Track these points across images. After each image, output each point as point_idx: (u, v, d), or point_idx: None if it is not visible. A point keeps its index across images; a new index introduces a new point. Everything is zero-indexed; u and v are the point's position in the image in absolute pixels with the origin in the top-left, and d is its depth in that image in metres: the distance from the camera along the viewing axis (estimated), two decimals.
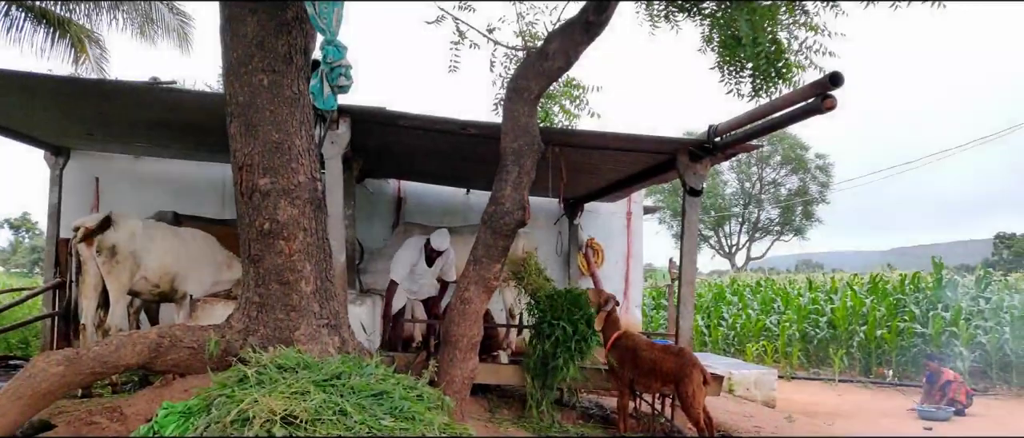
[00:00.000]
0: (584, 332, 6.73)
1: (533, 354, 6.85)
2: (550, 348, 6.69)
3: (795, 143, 44.52)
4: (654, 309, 21.31)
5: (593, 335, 6.81)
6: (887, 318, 16.72)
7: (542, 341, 6.78)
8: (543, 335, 6.80)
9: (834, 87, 5.04)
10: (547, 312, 6.88)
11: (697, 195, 7.17)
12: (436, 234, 7.55)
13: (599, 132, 6.96)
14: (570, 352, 6.65)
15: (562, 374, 6.62)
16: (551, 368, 6.67)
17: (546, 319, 6.84)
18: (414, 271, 7.71)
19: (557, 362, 6.63)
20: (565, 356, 6.64)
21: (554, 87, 6.68)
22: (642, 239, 11.28)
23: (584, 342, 6.71)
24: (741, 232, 49.07)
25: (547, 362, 6.70)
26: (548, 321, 6.81)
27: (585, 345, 6.72)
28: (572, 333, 6.68)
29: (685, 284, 7.20)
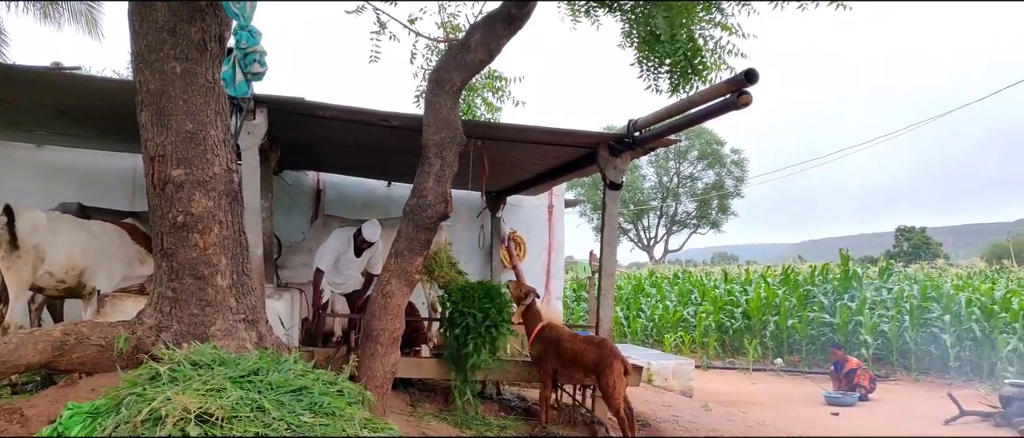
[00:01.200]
0: (495, 319, 6.76)
1: (448, 344, 6.87)
2: (461, 335, 6.72)
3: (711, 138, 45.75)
4: (575, 301, 21.58)
5: (504, 323, 6.84)
6: (798, 308, 17.41)
7: (453, 330, 6.81)
8: (454, 324, 6.82)
9: (749, 84, 5.19)
10: (458, 303, 6.90)
11: (617, 189, 7.28)
12: (367, 224, 7.46)
13: (521, 126, 7.00)
14: (480, 338, 6.68)
15: (473, 361, 6.64)
16: (463, 356, 6.69)
17: (457, 309, 6.86)
18: (340, 261, 7.60)
19: (467, 349, 6.65)
20: (475, 342, 6.67)
21: (476, 79, 6.69)
22: (563, 232, 11.42)
23: (495, 328, 6.75)
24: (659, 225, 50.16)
25: (459, 351, 6.72)
26: (458, 311, 6.84)
27: (495, 331, 6.76)
28: (482, 319, 6.72)
29: (605, 276, 7.32)
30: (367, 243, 7.48)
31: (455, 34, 6.69)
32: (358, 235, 7.48)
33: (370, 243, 7.48)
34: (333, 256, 7.53)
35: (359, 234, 7.47)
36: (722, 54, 5.68)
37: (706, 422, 8.20)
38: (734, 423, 8.42)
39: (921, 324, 15.60)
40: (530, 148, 7.65)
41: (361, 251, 7.59)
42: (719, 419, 8.56)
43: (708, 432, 7.67)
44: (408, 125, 6.55)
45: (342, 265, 7.66)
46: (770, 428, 8.40)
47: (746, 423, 8.54)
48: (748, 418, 9.03)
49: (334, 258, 7.54)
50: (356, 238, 7.51)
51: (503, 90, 7.35)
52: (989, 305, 15.38)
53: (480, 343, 6.71)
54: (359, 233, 7.47)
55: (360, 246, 7.54)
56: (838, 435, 9.03)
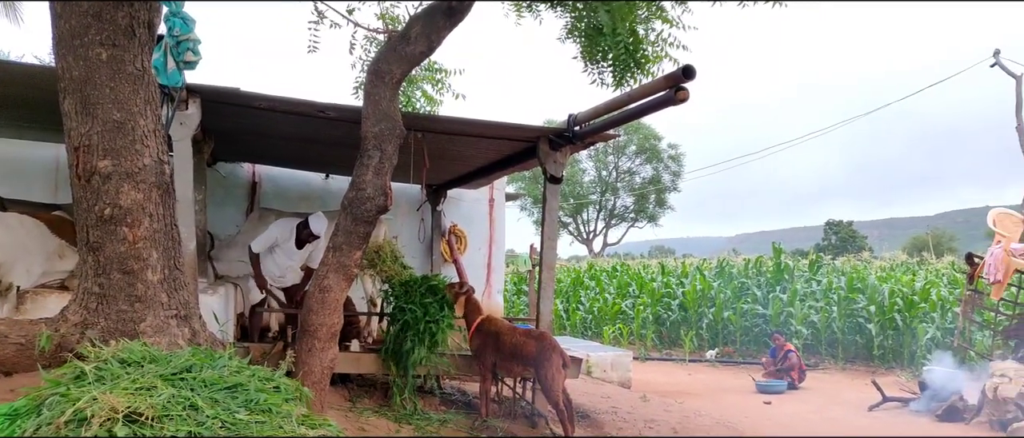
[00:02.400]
0: (435, 314, 6.74)
1: (387, 340, 6.82)
2: (401, 331, 6.68)
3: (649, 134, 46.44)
4: (516, 294, 21.65)
5: (446, 318, 6.83)
6: (733, 300, 17.82)
7: (394, 325, 6.76)
8: (395, 320, 6.78)
9: (687, 79, 5.27)
10: (400, 298, 6.85)
11: (557, 183, 7.32)
12: (314, 217, 7.33)
13: (462, 119, 6.96)
14: (419, 333, 6.65)
15: (414, 356, 6.61)
16: (403, 351, 6.65)
17: (398, 304, 6.81)
18: (278, 251, 7.45)
19: (407, 345, 6.62)
20: (414, 338, 6.64)
21: (416, 71, 6.61)
22: (504, 226, 11.42)
23: (434, 324, 6.72)
24: (598, 219, 50.71)
25: (400, 346, 6.68)
26: (399, 306, 6.79)
27: (436, 327, 6.74)
28: (422, 315, 6.69)
29: (545, 269, 7.35)
30: (313, 236, 7.34)
31: (395, 25, 6.60)
32: (303, 227, 7.34)
33: (316, 236, 7.35)
34: (270, 243, 7.37)
35: (305, 226, 7.33)
36: (664, 46, 5.74)
37: (644, 413, 8.32)
38: (671, 413, 8.57)
39: (848, 315, 16.15)
40: (471, 141, 7.62)
41: (303, 244, 7.46)
42: (656, 410, 8.70)
43: (646, 422, 7.79)
44: (346, 117, 6.45)
45: (281, 256, 7.51)
46: (705, 417, 8.58)
47: (682, 413, 8.70)
48: (684, 408, 9.20)
49: (270, 244, 7.38)
50: (301, 230, 7.38)
51: (443, 83, 7.29)
52: (910, 296, 16.02)
53: (420, 339, 6.68)
54: (305, 225, 7.33)
55: (305, 239, 7.41)
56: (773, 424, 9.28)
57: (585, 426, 7.40)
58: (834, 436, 8.63)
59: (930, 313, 15.71)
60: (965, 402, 9.82)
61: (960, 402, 9.82)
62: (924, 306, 15.81)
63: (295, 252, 7.52)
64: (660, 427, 7.68)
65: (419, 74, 7.06)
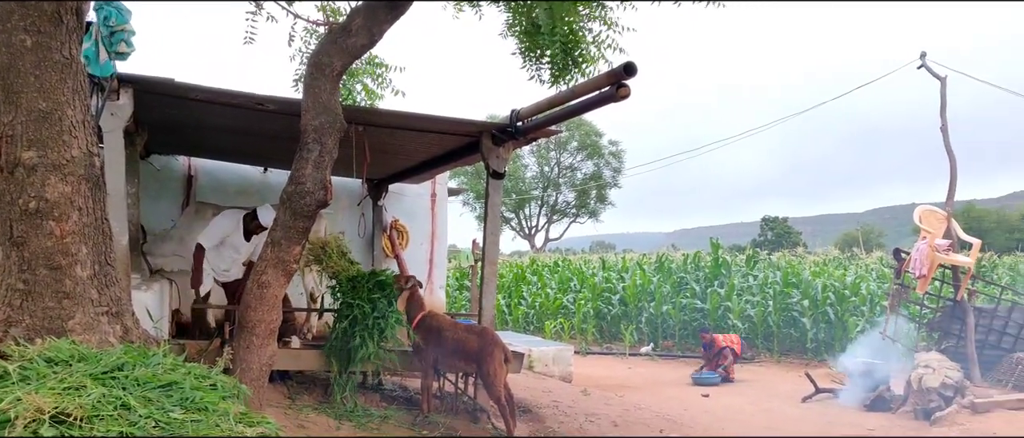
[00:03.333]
0: (383, 310, 6.70)
1: (333, 336, 6.74)
2: (348, 328, 6.61)
3: (590, 130, 46.86)
4: (458, 289, 21.63)
5: (393, 314, 6.79)
6: (672, 295, 18.12)
7: (341, 322, 6.69)
8: (342, 316, 6.70)
9: (628, 76, 5.34)
10: (348, 294, 6.78)
11: (500, 178, 7.33)
12: (263, 208, 7.21)
13: (403, 112, 6.92)
14: (368, 330, 6.61)
15: (362, 353, 6.56)
16: (350, 348, 6.59)
17: (346, 300, 6.74)
18: (226, 243, 7.30)
19: (355, 342, 6.56)
20: (363, 335, 6.59)
21: (357, 64, 6.54)
22: (447, 221, 11.38)
23: (383, 320, 6.68)
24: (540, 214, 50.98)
25: (347, 343, 6.62)
26: (347, 302, 6.72)
27: (384, 324, 6.70)
28: (371, 311, 6.63)
29: (488, 264, 7.36)
30: (261, 228, 7.23)
31: (335, 17, 6.51)
32: (251, 218, 7.21)
33: (264, 228, 7.24)
34: (220, 236, 7.22)
35: (253, 217, 7.20)
36: (601, 48, 5.81)
37: (585, 407, 8.41)
38: (611, 407, 8.67)
39: (783, 309, 16.60)
40: (413, 136, 7.58)
41: (251, 236, 7.33)
42: (597, 403, 8.80)
43: (587, 416, 7.87)
44: (286, 110, 6.34)
45: (228, 249, 7.37)
46: (645, 411, 8.71)
47: (622, 406, 8.82)
48: (624, 401, 9.33)
49: (221, 239, 7.23)
50: (249, 222, 7.25)
51: (384, 77, 7.23)
52: (841, 290, 16.55)
53: (370, 334, 6.61)
54: (253, 216, 7.20)
55: (253, 231, 7.28)
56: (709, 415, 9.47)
57: (527, 421, 7.45)
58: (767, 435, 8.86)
59: (860, 307, 16.26)
60: (892, 392, 10.20)
61: (887, 392, 10.19)
62: (855, 300, 16.35)
63: (243, 245, 7.39)
64: (601, 421, 7.77)
65: (360, 68, 6.98)
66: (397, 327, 6.94)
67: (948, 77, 12.65)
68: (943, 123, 12.49)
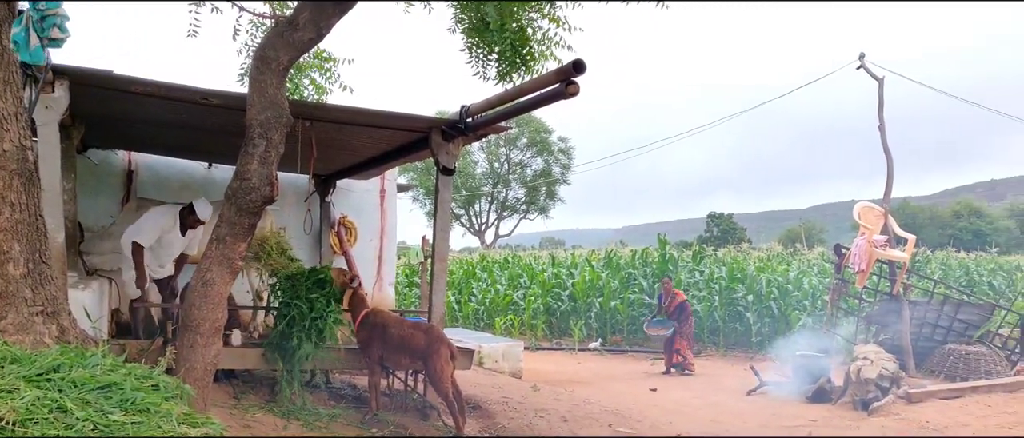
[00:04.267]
0: (322, 310, 6.61)
1: (273, 335, 6.65)
2: (287, 327, 6.53)
3: (540, 127, 47.03)
4: (408, 286, 21.52)
5: (333, 312, 6.72)
6: (620, 290, 18.30)
7: (280, 321, 6.60)
8: (281, 315, 6.61)
9: (577, 74, 5.37)
10: (288, 292, 6.68)
11: (449, 174, 7.31)
12: (200, 202, 7.08)
13: (351, 108, 6.84)
14: (306, 330, 6.52)
15: (300, 353, 6.48)
16: (290, 347, 6.50)
17: (284, 299, 6.65)
18: (164, 240, 7.15)
19: (293, 341, 6.48)
20: (301, 334, 6.50)
21: (304, 58, 6.44)
22: (396, 217, 11.30)
23: (321, 320, 6.61)
24: (490, 211, 51.00)
25: (286, 342, 6.53)
26: (285, 301, 6.63)
27: (323, 323, 6.62)
28: (308, 310, 6.55)
29: (438, 261, 7.33)
30: (198, 222, 7.10)
31: (282, 10, 6.40)
32: (189, 212, 7.08)
33: (201, 222, 7.11)
34: (157, 232, 7.06)
35: (190, 211, 7.06)
36: (550, 45, 5.83)
37: (534, 402, 8.45)
38: (560, 402, 8.73)
39: (729, 303, 16.92)
40: (361, 131, 7.50)
41: (187, 230, 7.19)
42: (547, 399, 8.84)
43: (536, 412, 7.91)
44: (231, 104, 6.22)
45: (164, 245, 7.20)
46: (594, 405, 8.78)
47: (572, 401, 8.87)
48: (574, 396, 9.39)
49: (158, 234, 7.07)
50: (186, 216, 7.11)
51: (332, 71, 7.13)
52: (785, 285, 16.94)
53: (307, 334, 6.53)
54: (190, 210, 7.06)
55: (190, 225, 7.14)
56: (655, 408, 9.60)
57: (477, 417, 7.45)
58: None
59: (803, 301, 16.67)
60: (832, 384, 10.47)
61: (828, 384, 10.45)
62: (797, 294, 16.75)
63: (178, 239, 7.24)
64: (550, 416, 7.81)
65: (307, 62, 6.87)
66: (337, 326, 6.86)
67: (885, 78, 13.03)
68: (881, 122, 12.86)
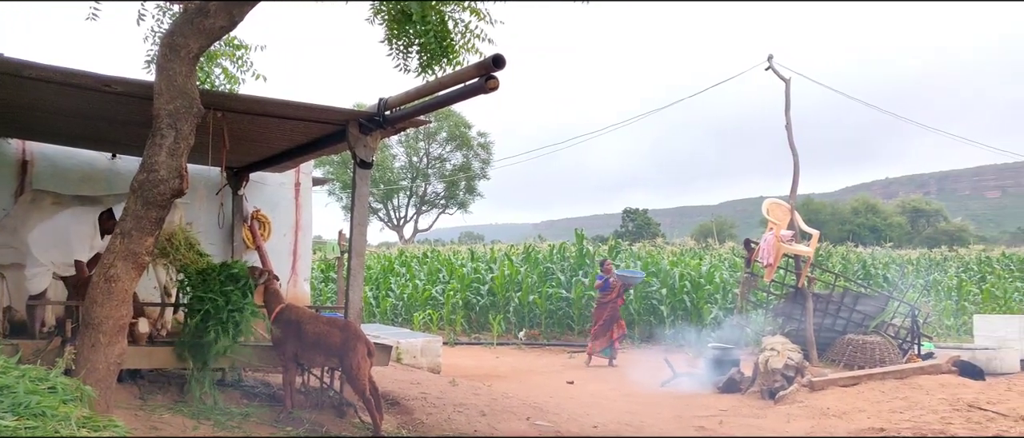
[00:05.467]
0: (238, 303, 6.44)
1: (185, 332, 6.42)
2: (201, 323, 6.32)
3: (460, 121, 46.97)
4: (323, 282, 21.17)
5: (249, 307, 6.54)
6: (538, 284, 18.46)
7: (192, 316, 6.38)
8: (193, 311, 6.39)
9: (497, 68, 5.36)
10: (198, 287, 6.47)
11: (367, 167, 7.20)
12: (115, 201, 6.79)
13: (266, 99, 6.65)
14: (223, 324, 6.33)
15: (216, 348, 6.29)
16: (203, 344, 6.30)
17: (197, 294, 6.43)
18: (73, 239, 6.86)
19: (208, 337, 6.27)
20: (216, 329, 6.31)
21: (215, 46, 6.24)
22: (311, 211, 11.07)
23: (238, 313, 6.43)
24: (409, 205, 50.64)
25: (201, 338, 6.32)
26: (199, 296, 6.41)
27: (240, 317, 6.44)
28: (224, 305, 6.36)
29: (355, 256, 7.22)
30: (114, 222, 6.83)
31: None
32: (107, 217, 6.83)
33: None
34: (89, 242, 6.82)
35: (110, 217, 6.83)
36: (471, 38, 5.81)
37: (453, 397, 8.43)
38: (479, 396, 8.74)
39: (643, 297, 17.29)
40: (276, 123, 7.30)
41: (105, 234, 6.92)
42: (466, 393, 8.84)
43: (455, 407, 7.89)
44: (136, 92, 5.95)
45: (76, 245, 6.90)
46: (513, 399, 8.83)
47: (490, 396, 8.90)
48: (492, 391, 9.42)
49: (90, 244, 6.83)
50: (105, 221, 6.85)
51: (245, 60, 6.93)
52: (697, 279, 17.44)
53: (224, 328, 6.33)
54: (110, 216, 6.82)
55: (108, 230, 6.87)
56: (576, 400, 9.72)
57: (395, 413, 7.38)
58: None
59: (714, 295, 17.19)
60: (742, 374, 10.83)
61: (738, 374, 10.81)
62: (709, 288, 17.26)
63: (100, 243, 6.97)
64: (469, 410, 7.81)
65: (218, 49, 6.66)
66: (254, 320, 6.69)
67: (792, 79, 13.54)
68: (788, 122, 13.36)
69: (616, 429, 7.80)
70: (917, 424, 7.70)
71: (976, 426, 7.57)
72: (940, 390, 9.16)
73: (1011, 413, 7.98)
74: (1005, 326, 12.96)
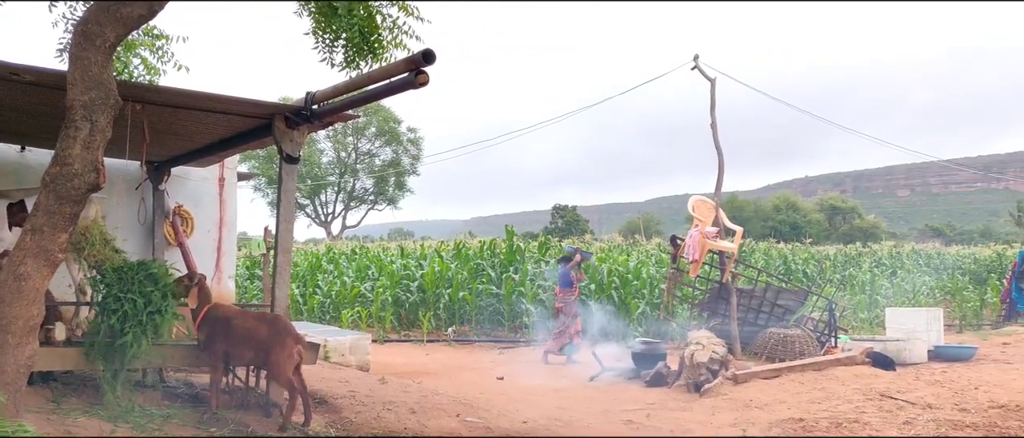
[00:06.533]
0: (159, 303, 6.22)
1: (100, 332, 6.16)
2: (117, 323, 6.07)
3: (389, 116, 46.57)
4: (248, 279, 20.71)
5: (169, 306, 6.34)
6: (469, 281, 18.45)
7: (108, 317, 6.12)
8: (109, 310, 6.14)
9: (427, 64, 5.34)
10: (114, 286, 6.22)
11: (294, 162, 7.07)
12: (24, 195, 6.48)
13: (187, 90, 6.45)
14: (141, 325, 6.11)
15: (133, 350, 6.06)
16: (120, 345, 6.06)
17: (113, 293, 6.18)
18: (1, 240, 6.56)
19: (126, 338, 6.04)
20: (135, 330, 6.07)
21: (134, 35, 6.02)
22: (236, 207, 10.80)
23: (158, 315, 6.22)
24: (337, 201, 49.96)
25: (117, 339, 6.08)
26: (115, 295, 6.16)
27: (160, 317, 6.23)
28: (144, 304, 6.14)
29: (281, 253, 7.09)
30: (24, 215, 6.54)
31: None
32: (19, 209, 6.53)
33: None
34: None
35: (21, 208, 6.52)
36: (399, 34, 5.77)
37: (382, 395, 8.36)
38: (409, 394, 8.68)
39: None
40: (199, 116, 7.10)
41: (13, 226, 6.62)
42: (395, 391, 8.77)
43: (384, 405, 7.82)
44: (48, 82, 5.70)
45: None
46: (442, 396, 8.81)
47: (420, 393, 8.85)
48: (422, 388, 9.38)
49: None
50: (15, 214, 6.53)
51: (165, 50, 6.70)
52: (625, 274, 17.72)
53: (143, 329, 6.10)
54: (21, 208, 6.51)
55: (18, 223, 6.58)
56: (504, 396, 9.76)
57: (323, 412, 7.27)
58: None
59: (641, 290, 17.49)
60: (668, 368, 11.06)
61: (664, 368, 11.03)
62: (636, 283, 17.56)
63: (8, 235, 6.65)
64: (398, 408, 7.76)
65: (137, 39, 6.42)
66: (174, 320, 6.48)
67: (717, 79, 13.88)
68: (713, 121, 13.69)
69: (546, 424, 7.86)
70: (834, 414, 8.01)
71: (887, 414, 7.92)
72: (855, 380, 9.54)
73: (918, 401, 8.39)
74: (914, 319, 13.57)
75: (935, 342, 12.67)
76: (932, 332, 12.99)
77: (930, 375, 9.99)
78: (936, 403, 8.32)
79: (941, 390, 8.95)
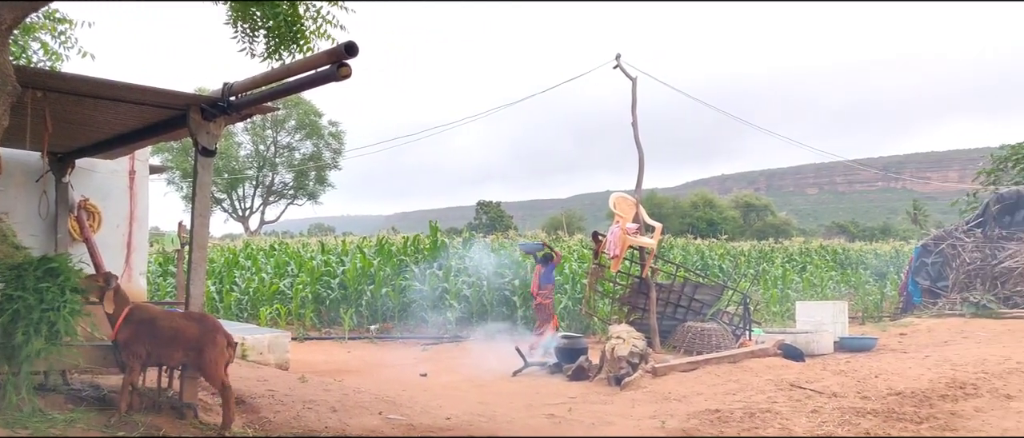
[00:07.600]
0: (54, 301, 5.90)
1: None
2: (10, 323, 5.74)
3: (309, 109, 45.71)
4: (161, 276, 20.02)
5: (68, 303, 6.02)
6: (392, 277, 18.28)
7: (1, 316, 5.78)
8: (2, 309, 5.79)
9: (350, 56, 5.23)
10: (12, 283, 5.88)
11: (210, 155, 6.83)
12: None
13: (94, 78, 6.15)
14: (35, 325, 5.78)
15: (27, 351, 5.72)
16: (14, 346, 5.72)
17: (7, 291, 5.84)
18: None
19: (19, 339, 5.71)
20: (28, 329, 5.74)
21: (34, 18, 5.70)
22: (148, 201, 10.37)
23: (54, 312, 5.90)
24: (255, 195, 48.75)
25: (9, 340, 5.74)
26: (7, 293, 5.82)
27: (56, 315, 5.92)
28: (37, 302, 5.81)
29: (197, 249, 6.84)
30: None
31: None
32: None
33: None
34: None
35: None
36: (324, 24, 5.65)
37: (302, 394, 8.19)
38: (330, 392, 8.54)
39: (496, 288, 17.52)
40: (107, 105, 6.77)
41: None
42: (316, 389, 8.61)
43: (304, 403, 7.67)
44: None
45: None
46: (364, 394, 8.69)
47: (342, 391, 8.71)
48: (343, 386, 9.23)
49: None
50: None
51: (68, 35, 6.38)
52: None
53: (36, 329, 5.77)
54: None
55: None
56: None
57: (241, 412, 7.06)
58: None
59: (564, 285, 17.66)
60: (590, 362, 11.20)
61: (586, 362, 11.17)
62: (559, 279, 17.69)
63: None
64: (319, 407, 7.61)
65: (37, 22, 6.09)
66: (74, 319, 6.15)
67: (638, 78, 14.13)
68: (634, 119, 13.94)
69: (469, 420, 7.85)
70: (747, 404, 8.27)
71: (797, 404, 8.24)
72: (767, 372, 9.89)
73: (825, 391, 8.78)
74: (821, 311, 14.17)
75: (840, 334, 13.24)
76: (838, 324, 13.58)
77: (836, 365, 10.44)
78: (841, 392, 8.70)
79: (845, 379, 9.36)
